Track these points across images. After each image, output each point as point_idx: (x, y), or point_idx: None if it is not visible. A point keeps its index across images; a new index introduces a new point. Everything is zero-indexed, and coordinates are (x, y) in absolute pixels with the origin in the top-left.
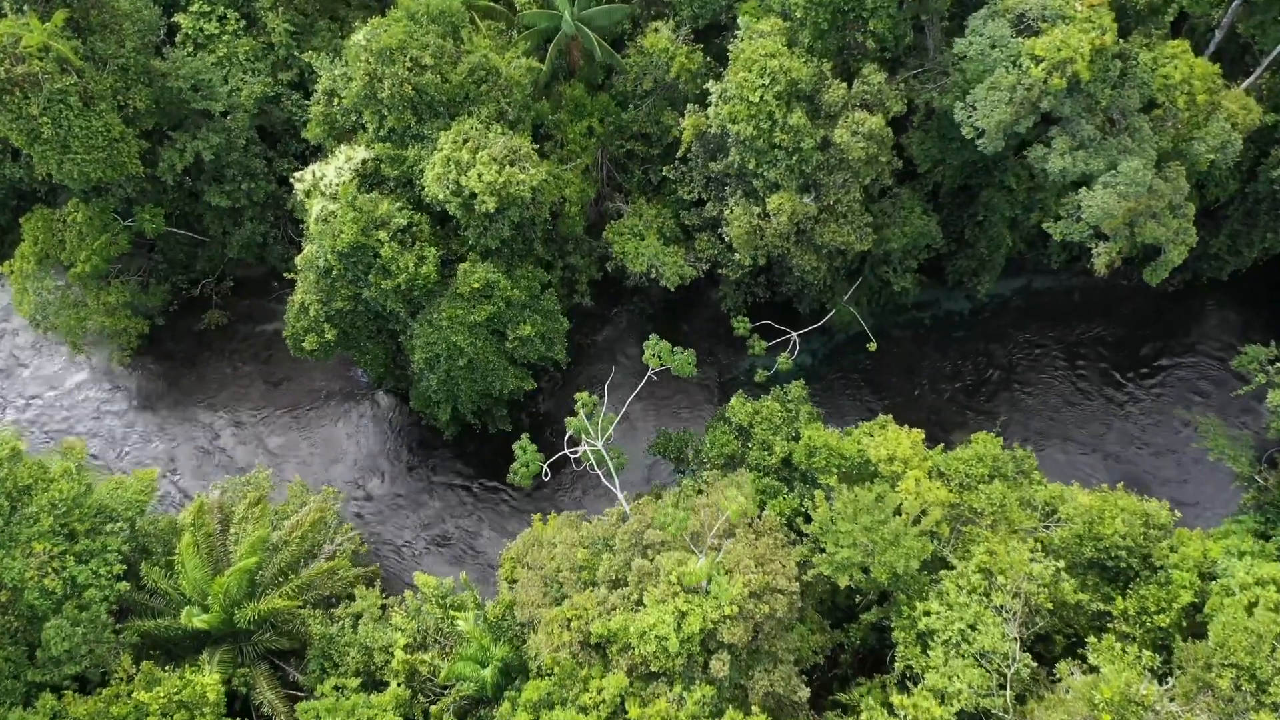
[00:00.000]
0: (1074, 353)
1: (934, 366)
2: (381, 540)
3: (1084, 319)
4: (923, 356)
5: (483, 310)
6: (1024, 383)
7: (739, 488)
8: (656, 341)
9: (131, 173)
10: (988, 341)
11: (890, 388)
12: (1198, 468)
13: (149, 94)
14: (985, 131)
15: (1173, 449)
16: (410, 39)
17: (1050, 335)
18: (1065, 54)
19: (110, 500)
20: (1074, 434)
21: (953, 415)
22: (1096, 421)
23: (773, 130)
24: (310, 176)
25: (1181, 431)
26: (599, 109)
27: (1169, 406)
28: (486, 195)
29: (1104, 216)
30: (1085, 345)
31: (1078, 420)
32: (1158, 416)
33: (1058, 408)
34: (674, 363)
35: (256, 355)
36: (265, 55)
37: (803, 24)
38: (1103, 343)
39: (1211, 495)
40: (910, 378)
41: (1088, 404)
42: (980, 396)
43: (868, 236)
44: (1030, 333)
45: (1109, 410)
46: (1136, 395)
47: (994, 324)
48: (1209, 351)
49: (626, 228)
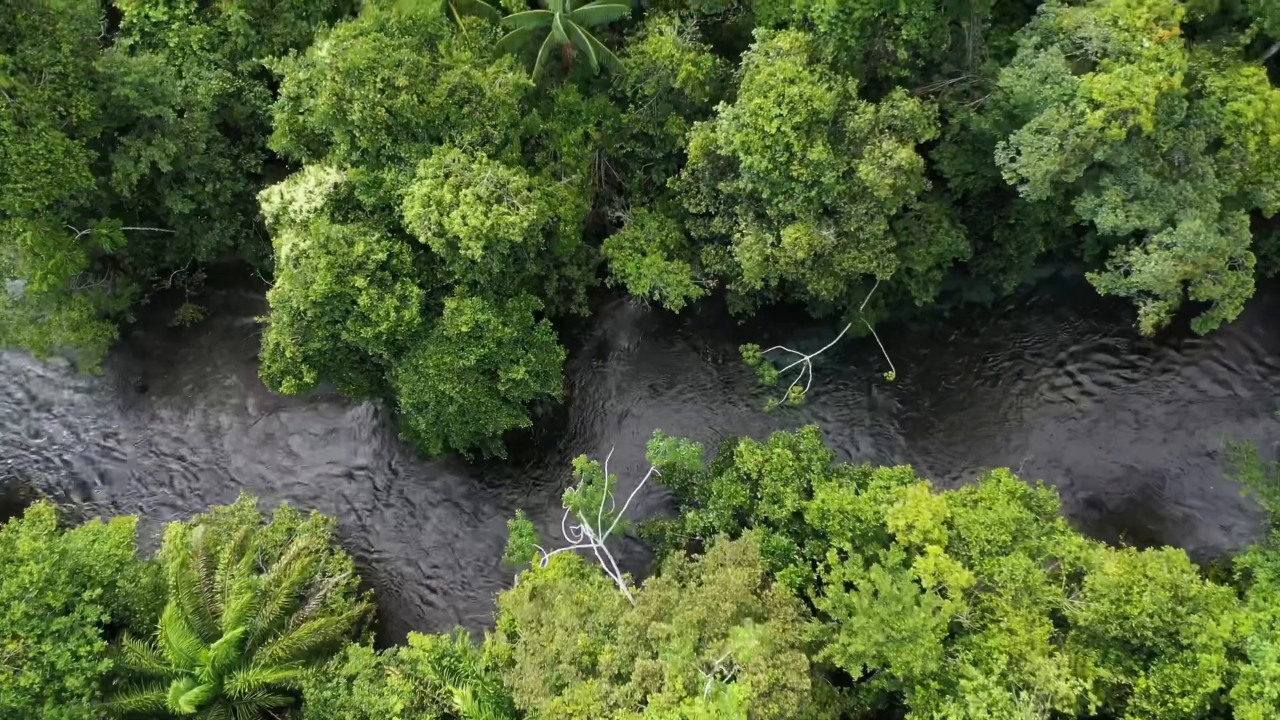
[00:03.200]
0: (1102, 349)
1: (952, 364)
2: (376, 557)
3: (1113, 315)
4: (941, 353)
5: (472, 354)
6: (1048, 384)
7: (747, 567)
8: (661, 437)
9: (83, 187)
10: (1011, 338)
11: (903, 389)
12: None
13: (93, 99)
14: (1029, 180)
15: (1199, 465)
16: (381, 56)
17: (1077, 331)
18: (1128, 103)
19: (87, 557)
20: (1098, 438)
21: (971, 421)
22: (1118, 425)
23: (790, 163)
24: (278, 198)
25: (1210, 454)
26: (595, 112)
27: (1198, 416)
28: (472, 240)
29: (1158, 283)
30: (1112, 343)
31: (1100, 423)
32: (1181, 419)
33: (1081, 410)
34: (679, 457)
35: (236, 352)
36: (222, 43)
37: (827, 37)
38: (1131, 340)
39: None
40: (926, 376)
41: (1112, 408)
42: (1001, 400)
43: (891, 263)
44: (1057, 328)
45: (1133, 415)
46: (1164, 398)
47: (1019, 319)
48: (1248, 356)
49: (627, 240)
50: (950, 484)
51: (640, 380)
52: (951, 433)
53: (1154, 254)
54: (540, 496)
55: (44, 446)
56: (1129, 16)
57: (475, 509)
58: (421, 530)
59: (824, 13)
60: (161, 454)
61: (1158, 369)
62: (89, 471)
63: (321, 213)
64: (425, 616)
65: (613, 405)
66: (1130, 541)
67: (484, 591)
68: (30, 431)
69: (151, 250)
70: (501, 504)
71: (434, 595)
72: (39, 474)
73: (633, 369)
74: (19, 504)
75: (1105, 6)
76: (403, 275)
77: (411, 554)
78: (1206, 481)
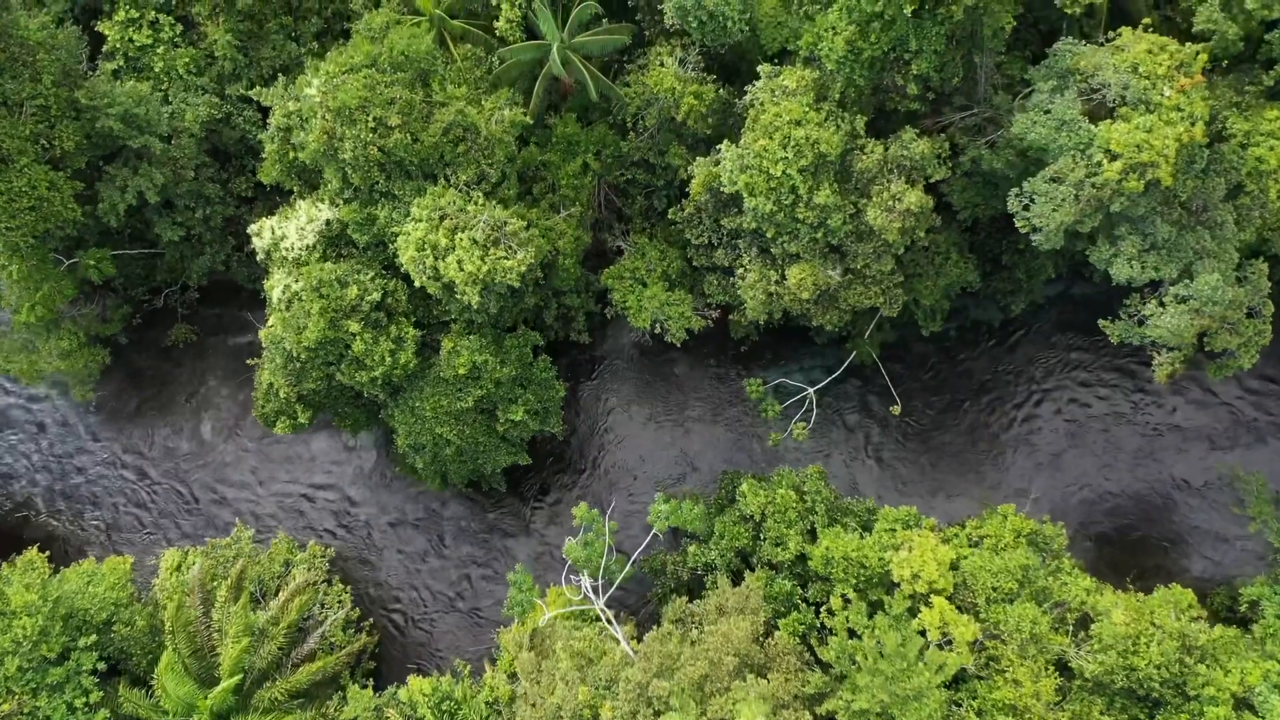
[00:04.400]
0: (1114, 369)
1: (957, 386)
2: (375, 582)
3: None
4: (946, 375)
5: (470, 395)
6: (1057, 406)
7: (750, 615)
8: (664, 500)
9: (68, 218)
10: (1018, 359)
11: (908, 421)
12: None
13: (77, 128)
14: (1042, 230)
15: (1205, 496)
16: (372, 95)
17: (1086, 351)
18: (1147, 157)
19: (81, 600)
20: (1106, 459)
21: (975, 446)
22: (1124, 447)
23: (795, 206)
24: (269, 234)
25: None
26: (595, 141)
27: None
28: (468, 286)
29: (1173, 337)
30: (1123, 363)
31: (1106, 445)
32: (1188, 443)
33: (1089, 431)
34: (681, 521)
35: (230, 372)
36: (209, 67)
37: (835, 75)
38: (1143, 360)
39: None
40: (929, 399)
41: (1121, 428)
42: (1008, 423)
43: (898, 299)
44: (1065, 348)
45: (1143, 435)
46: (1172, 421)
47: (1026, 338)
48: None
49: (627, 270)
50: (953, 507)
51: (642, 400)
52: (956, 458)
53: (1170, 307)
54: (539, 521)
55: (37, 467)
56: (1150, 63)
57: (475, 531)
58: (422, 555)
59: (832, 52)
60: (156, 476)
61: (1169, 390)
62: (82, 494)
63: (314, 250)
64: (424, 645)
65: (613, 426)
66: (1137, 566)
67: (486, 614)
68: (23, 452)
69: (142, 270)
70: (502, 526)
71: (433, 622)
72: (32, 496)
73: (634, 390)
74: (13, 526)
75: (1125, 51)
76: (398, 314)
77: (411, 579)
78: (1215, 506)
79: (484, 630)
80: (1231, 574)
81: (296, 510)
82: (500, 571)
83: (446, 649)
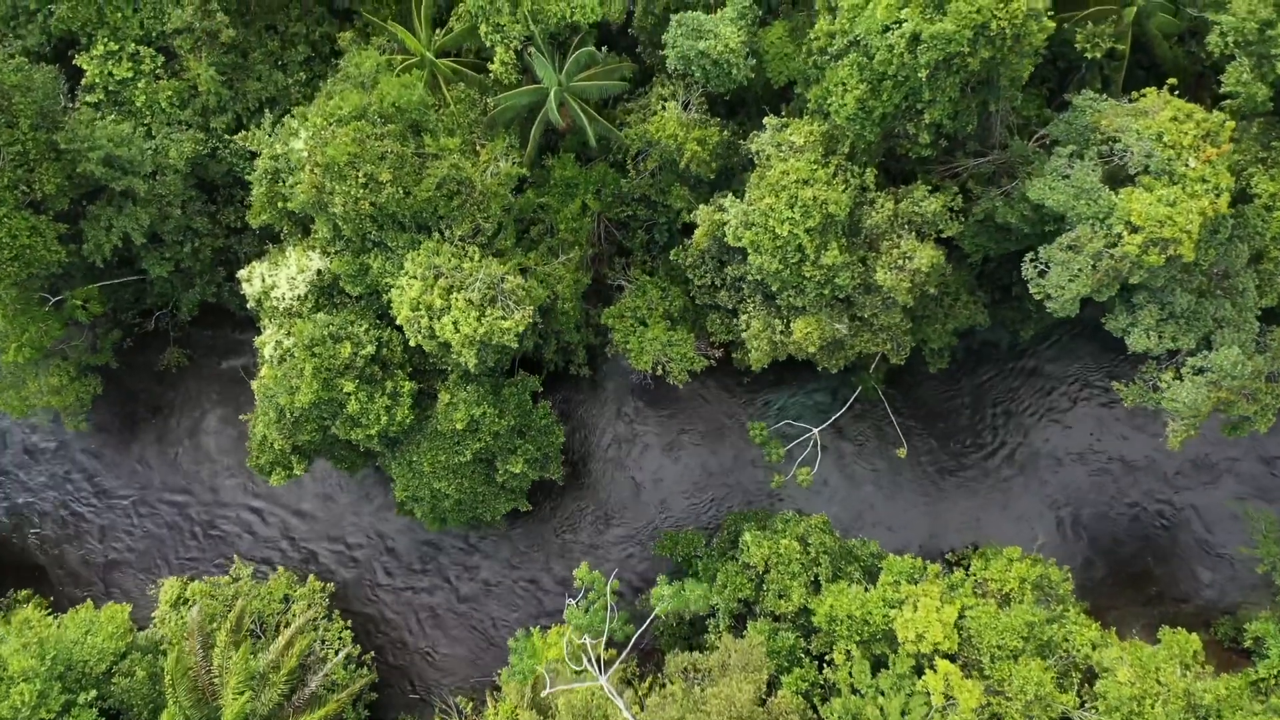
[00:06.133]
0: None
1: (963, 414)
2: (374, 611)
3: (1133, 358)
4: (951, 398)
5: (468, 449)
6: (1064, 433)
7: (753, 673)
8: (666, 583)
9: (52, 260)
10: (1025, 384)
11: (913, 460)
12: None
13: (57, 169)
14: (1056, 299)
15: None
16: (363, 151)
17: (1093, 374)
18: (1169, 233)
19: (80, 651)
20: (1108, 486)
21: (982, 479)
22: (1129, 473)
23: (801, 264)
24: (259, 282)
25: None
26: (594, 181)
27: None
28: (464, 348)
29: (1190, 411)
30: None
31: (1111, 473)
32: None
33: (1098, 455)
34: (684, 604)
35: (224, 396)
36: (192, 99)
37: (845, 131)
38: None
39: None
40: (934, 426)
41: (1127, 449)
42: (1009, 451)
43: (906, 345)
44: (1073, 372)
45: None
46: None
47: (1035, 361)
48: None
49: (628, 309)
50: (959, 539)
51: (644, 424)
52: (962, 488)
53: (1187, 380)
54: (539, 544)
55: (31, 492)
56: (1175, 133)
57: (474, 556)
58: (421, 582)
59: (843, 108)
60: (152, 502)
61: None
62: (78, 519)
63: (305, 300)
64: (424, 673)
65: (616, 453)
66: (1143, 592)
67: (488, 638)
68: (18, 480)
69: (132, 295)
70: (501, 551)
71: (434, 647)
72: (26, 521)
73: (636, 414)
74: (8, 554)
75: (1150, 117)
76: (393, 366)
77: (411, 605)
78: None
79: (485, 655)
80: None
81: (293, 536)
82: (500, 594)
83: (448, 676)
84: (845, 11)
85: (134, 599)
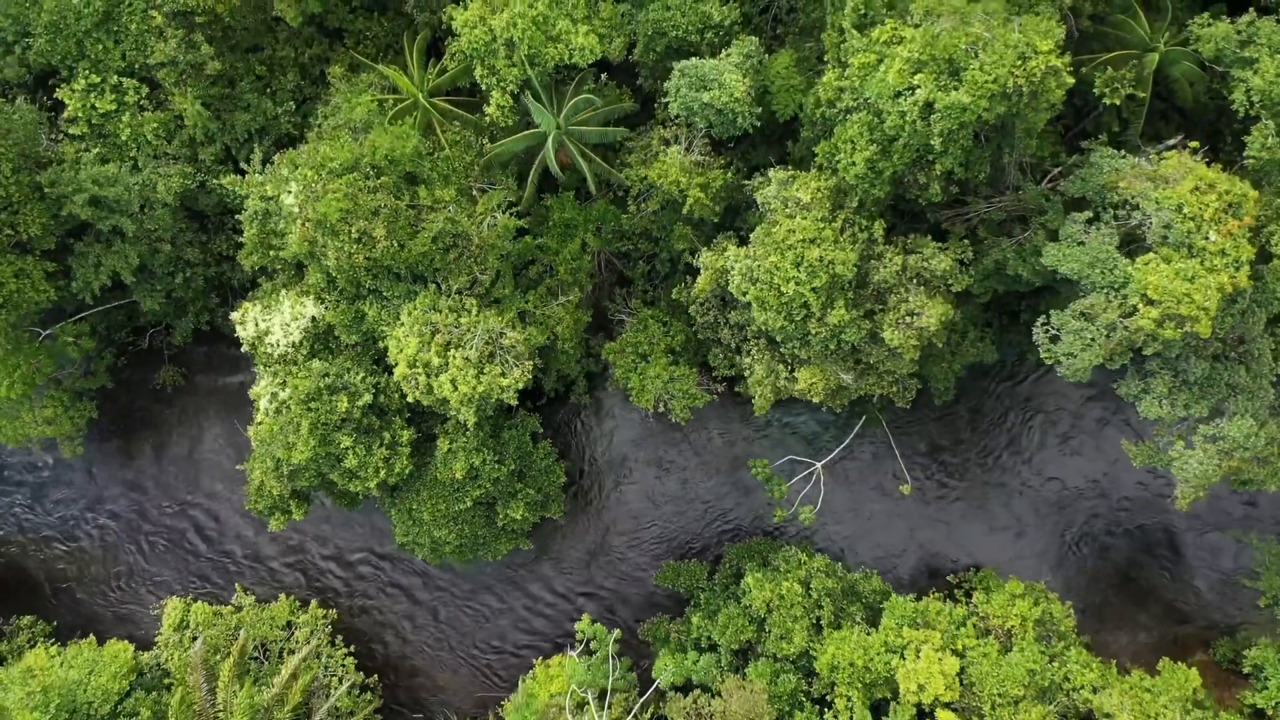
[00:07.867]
0: (1124, 408)
1: (966, 437)
2: (379, 633)
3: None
4: (954, 420)
5: (468, 496)
6: (1066, 457)
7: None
8: (670, 655)
9: (41, 300)
10: (1029, 404)
11: (916, 494)
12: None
13: (42, 210)
14: (1069, 366)
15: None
16: (355, 206)
17: (1098, 394)
18: (1186, 310)
19: (84, 693)
20: (1118, 509)
21: (979, 495)
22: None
23: (807, 320)
24: (253, 326)
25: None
26: (594, 219)
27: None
28: (462, 406)
29: (1201, 480)
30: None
31: (1111, 498)
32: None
33: (1088, 484)
34: (689, 673)
35: (221, 412)
36: (180, 130)
37: (854, 187)
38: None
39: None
40: (936, 446)
41: (1131, 473)
42: (1013, 472)
43: (911, 388)
44: (1080, 395)
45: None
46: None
47: (1040, 384)
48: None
49: (629, 344)
50: (958, 563)
51: (645, 446)
52: (966, 516)
53: (1199, 449)
54: (539, 568)
55: (30, 512)
56: (1196, 205)
57: (476, 578)
58: (424, 600)
59: (851, 167)
60: (152, 521)
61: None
62: (79, 542)
63: (300, 348)
64: (428, 692)
65: (616, 476)
66: (1144, 612)
67: (490, 657)
68: (16, 499)
69: (124, 315)
70: (503, 572)
71: (438, 666)
72: (27, 541)
73: (637, 436)
74: (16, 573)
75: (1170, 186)
76: (391, 412)
77: (414, 624)
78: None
79: (489, 674)
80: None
81: (294, 556)
82: (504, 612)
83: (451, 696)
84: (855, 69)
85: (136, 618)
